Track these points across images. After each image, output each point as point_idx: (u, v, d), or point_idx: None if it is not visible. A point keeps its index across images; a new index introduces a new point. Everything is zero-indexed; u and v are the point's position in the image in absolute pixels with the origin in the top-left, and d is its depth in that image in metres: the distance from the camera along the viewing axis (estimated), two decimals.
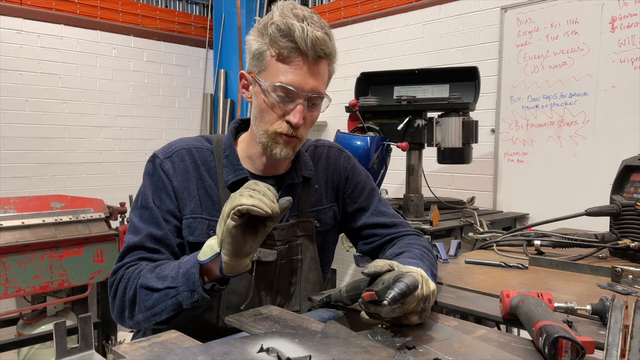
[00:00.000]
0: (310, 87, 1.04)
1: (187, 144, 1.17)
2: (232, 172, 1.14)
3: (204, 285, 0.90)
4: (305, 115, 1.07)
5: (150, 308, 0.95)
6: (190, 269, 0.91)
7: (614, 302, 0.87)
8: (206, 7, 4.60)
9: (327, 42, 1.04)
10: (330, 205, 1.26)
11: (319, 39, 1.02)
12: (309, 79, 1.04)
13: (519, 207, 2.94)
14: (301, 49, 1.02)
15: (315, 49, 1.02)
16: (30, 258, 2.38)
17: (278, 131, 1.07)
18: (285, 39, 1.02)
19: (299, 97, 1.04)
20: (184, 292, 0.91)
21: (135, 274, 1.00)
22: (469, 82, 2.60)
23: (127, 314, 1.01)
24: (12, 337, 2.97)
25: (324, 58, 1.06)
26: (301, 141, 1.12)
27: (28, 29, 3.55)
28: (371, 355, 0.76)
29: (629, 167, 1.49)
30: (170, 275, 0.94)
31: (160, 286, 0.94)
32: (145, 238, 1.07)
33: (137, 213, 1.11)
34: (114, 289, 1.03)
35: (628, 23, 2.52)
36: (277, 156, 1.09)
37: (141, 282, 0.97)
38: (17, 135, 3.52)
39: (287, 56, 1.03)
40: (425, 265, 1.02)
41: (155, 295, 0.95)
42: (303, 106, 1.05)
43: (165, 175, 1.11)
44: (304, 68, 1.03)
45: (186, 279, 0.91)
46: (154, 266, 1.00)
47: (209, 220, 1.12)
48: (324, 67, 1.07)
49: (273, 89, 1.05)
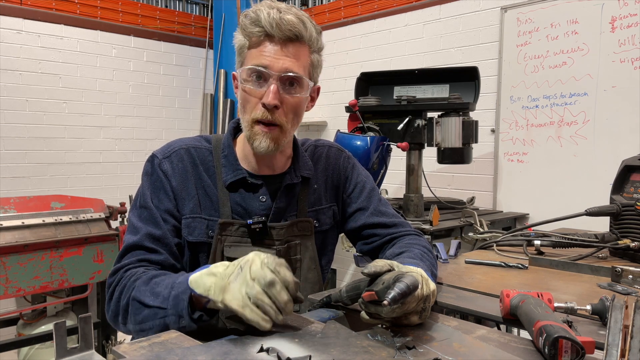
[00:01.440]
0: (281, 66, 1.04)
1: (186, 143, 1.17)
2: (230, 172, 1.14)
3: (192, 314, 0.89)
4: (282, 98, 1.05)
5: (140, 322, 0.95)
6: (181, 295, 0.90)
7: (614, 302, 0.87)
8: (206, 7, 4.60)
9: (296, 24, 1.03)
10: (330, 205, 1.26)
11: (285, 20, 1.02)
12: (279, 58, 1.04)
13: (519, 207, 2.94)
14: (267, 32, 1.03)
15: (281, 29, 1.02)
16: (30, 258, 2.38)
17: (255, 118, 1.06)
18: (253, 25, 1.04)
19: (270, 78, 1.04)
20: (172, 315, 0.90)
21: (131, 282, 0.99)
22: (469, 82, 2.60)
23: (121, 320, 1.01)
24: (12, 337, 2.96)
25: (297, 41, 1.05)
26: (284, 131, 1.08)
27: (28, 29, 3.55)
28: (371, 355, 0.76)
29: (629, 167, 1.49)
30: (162, 295, 0.93)
31: (152, 303, 0.93)
32: (144, 237, 1.06)
33: (136, 213, 1.11)
34: (111, 290, 1.03)
35: (628, 23, 2.52)
36: (258, 150, 1.08)
37: (134, 295, 0.96)
38: (17, 135, 3.52)
39: (257, 42, 1.05)
40: (425, 265, 1.02)
41: (145, 312, 0.94)
42: (276, 86, 1.04)
43: (163, 175, 1.11)
44: (274, 49, 1.04)
45: (175, 303, 0.90)
46: (149, 277, 0.99)
47: (207, 220, 1.12)
48: (299, 50, 1.06)
49: (246, 74, 1.06)
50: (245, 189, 1.15)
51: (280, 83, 1.05)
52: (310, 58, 1.10)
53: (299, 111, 1.11)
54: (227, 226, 1.11)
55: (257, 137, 1.07)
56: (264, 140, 1.07)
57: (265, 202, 1.15)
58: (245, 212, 1.14)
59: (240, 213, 1.14)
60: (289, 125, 1.09)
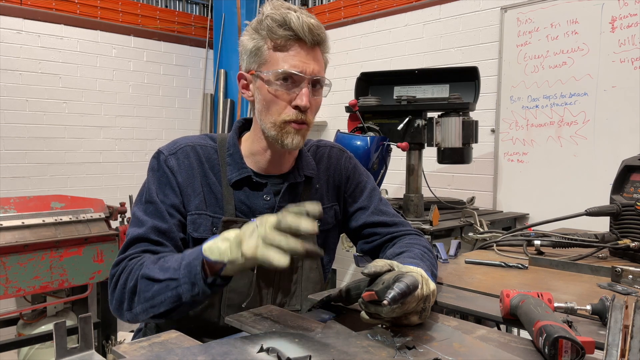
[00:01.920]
0: (312, 70, 1.07)
1: (192, 141, 1.18)
2: (235, 171, 1.15)
3: (205, 279, 0.90)
4: (310, 100, 1.08)
5: (150, 299, 0.94)
6: (193, 261, 0.91)
7: (614, 302, 0.87)
8: (206, 7, 4.60)
9: (321, 27, 1.08)
10: (332, 205, 1.27)
11: (314, 25, 1.06)
12: (310, 62, 1.07)
13: (519, 207, 2.94)
14: (299, 36, 1.05)
15: (312, 34, 1.05)
16: (30, 258, 2.39)
17: (286, 119, 1.08)
18: (282, 29, 1.05)
19: (303, 81, 1.06)
20: (185, 284, 0.90)
21: (138, 265, 0.99)
22: (469, 82, 2.60)
23: (126, 306, 0.99)
24: (12, 337, 2.96)
25: (320, 45, 1.10)
26: (309, 129, 1.13)
27: (28, 29, 3.55)
28: (371, 355, 0.76)
29: (629, 167, 1.49)
30: (173, 267, 0.93)
31: (162, 277, 0.93)
32: (150, 230, 1.06)
33: (141, 207, 1.11)
34: (114, 280, 1.02)
35: (628, 23, 2.52)
36: (288, 146, 1.09)
37: (143, 272, 0.96)
38: (17, 135, 3.52)
39: (285, 45, 1.06)
40: (426, 265, 1.02)
41: (155, 286, 0.94)
42: (308, 89, 1.07)
43: (169, 171, 1.12)
44: (303, 53, 1.07)
45: (188, 271, 0.90)
46: (157, 257, 0.99)
47: (212, 217, 1.12)
48: (320, 54, 1.11)
49: (276, 76, 1.06)
50: (249, 188, 1.15)
51: (310, 86, 1.08)
52: (325, 59, 1.14)
53: (319, 109, 1.16)
54: (231, 224, 1.12)
55: (288, 136, 1.09)
56: (295, 137, 1.10)
57: (269, 200, 1.16)
58: (249, 210, 1.15)
59: (244, 211, 1.14)
60: (313, 123, 1.14)
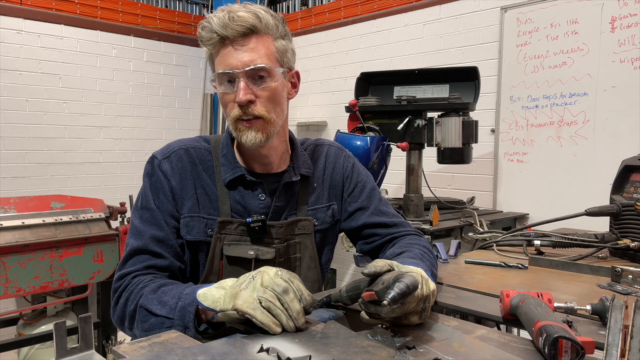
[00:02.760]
0: (242, 61, 1.04)
1: (185, 144, 1.18)
2: (229, 171, 1.15)
3: (197, 326, 0.90)
4: (255, 92, 1.06)
5: (147, 330, 0.96)
6: (188, 307, 0.91)
7: (614, 302, 0.87)
8: (206, 7, 4.60)
9: (247, 18, 1.04)
10: (329, 204, 1.26)
11: (234, 17, 1.03)
12: (238, 55, 1.05)
13: (519, 207, 2.94)
14: (221, 34, 1.04)
15: (232, 27, 1.03)
16: (30, 258, 2.38)
17: (234, 117, 1.08)
18: (208, 33, 1.06)
19: (237, 76, 1.05)
20: (178, 326, 0.91)
21: (139, 289, 1.00)
22: (469, 82, 2.60)
23: (127, 324, 1.02)
24: (12, 337, 2.96)
25: (253, 33, 1.06)
26: (268, 122, 1.08)
27: (28, 29, 3.55)
28: (371, 355, 0.76)
29: (629, 167, 1.49)
30: (169, 305, 0.94)
31: (159, 312, 0.94)
32: (149, 241, 1.07)
33: (138, 215, 1.11)
34: (117, 295, 1.04)
35: (628, 23, 2.52)
36: (248, 143, 1.08)
37: (142, 302, 0.98)
38: (17, 135, 3.52)
39: (218, 48, 1.07)
40: (426, 265, 1.02)
41: (152, 320, 0.95)
42: (245, 82, 1.05)
43: (163, 176, 1.12)
44: (230, 48, 1.05)
45: (182, 315, 0.91)
46: (157, 286, 1.00)
47: (206, 219, 1.12)
48: (258, 42, 1.06)
49: (217, 80, 1.08)
50: (244, 187, 1.15)
51: (248, 78, 1.06)
52: (275, 45, 1.09)
53: (278, 99, 1.10)
54: (226, 224, 1.12)
55: (242, 133, 1.08)
56: (249, 133, 1.08)
57: (265, 200, 1.15)
58: (244, 210, 1.14)
59: (240, 211, 1.14)
60: (271, 114, 1.09)
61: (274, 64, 1.08)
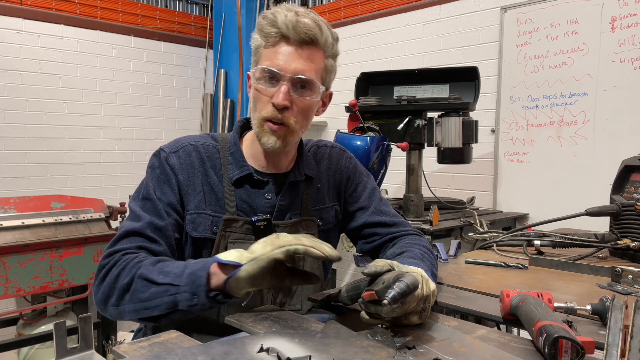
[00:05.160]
0: (294, 69, 1.05)
1: (195, 140, 1.18)
2: (237, 169, 1.15)
3: (208, 292, 0.89)
4: (293, 100, 1.06)
5: (145, 300, 0.93)
6: (198, 271, 0.90)
7: (614, 302, 0.87)
8: (206, 7, 4.60)
9: (312, 27, 1.05)
10: (332, 205, 1.27)
11: (301, 22, 1.03)
12: (293, 60, 1.05)
13: (519, 207, 2.94)
14: (283, 33, 1.04)
15: (297, 31, 1.03)
16: (30, 258, 2.38)
17: (265, 116, 1.07)
18: (270, 26, 1.05)
19: (282, 79, 1.05)
20: (185, 292, 0.89)
21: (135, 262, 0.97)
22: (469, 82, 2.60)
23: (113, 301, 0.96)
24: (12, 337, 2.96)
25: (312, 44, 1.06)
26: (292, 132, 1.09)
27: (28, 29, 3.55)
28: (371, 355, 0.76)
29: (629, 167, 1.49)
30: (174, 272, 0.92)
31: (161, 281, 0.92)
32: (146, 225, 1.05)
33: (139, 204, 1.10)
34: (104, 272, 0.99)
35: (628, 23, 2.52)
36: (265, 145, 1.09)
37: (141, 272, 0.94)
38: (17, 135, 3.52)
39: (274, 43, 1.06)
40: (426, 265, 1.02)
41: (153, 289, 0.92)
42: (287, 87, 1.05)
43: (170, 169, 1.12)
44: (288, 50, 1.05)
45: (191, 280, 0.89)
46: (156, 260, 0.98)
47: (212, 216, 1.12)
48: (313, 54, 1.07)
49: (258, 73, 1.07)
50: (250, 186, 1.16)
51: (291, 85, 1.06)
52: (325, 63, 1.10)
53: (309, 114, 1.12)
54: (232, 222, 1.12)
55: (265, 134, 1.08)
56: (271, 137, 1.08)
57: (271, 199, 1.16)
58: (250, 208, 1.15)
59: (246, 210, 1.14)
60: (297, 126, 1.10)
61: (318, 80, 1.09)
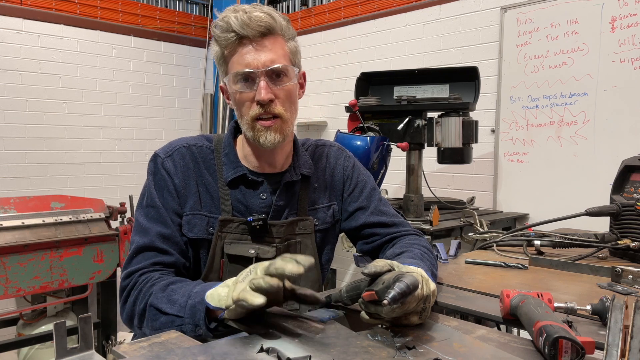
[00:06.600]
0: (264, 62, 1.06)
1: (188, 142, 1.18)
2: (231, 169, 1.15)
3: (208, 324, 0.90)
4: (274, 91, 1.07)
5: (157, 329, 0.97)
6: (198, 305, 0.91)
7: (614, 302, 0.87)
8: (206, 7, 4.60)
9: (265, 18, 1.05)
10: (330, 204, 1.26)
11: (253, 17, 1.04)
12: (259, 55, 1.06)
13: (519, 207, 2.94)
14: (240, 34, 1.05)
15: (252, 27, 1.04)
16: (30, 258, 2.38)
17: (253, 116, 1.08)
18: (226, 32, 1.06)
19: (257, 76, 1.06)
20: (189, 324, 0.92)
21: (147, 287, 1.01)
22: (469, 82, 2.60)
23: (137, 322, 1.02)
24: (12, 337, 2.96)
25: (271, 34, 1.07)
26: (285, 121, 1.10)
27: (28, 29, 3.55)
28: (371, 355, 0.76)
29: (629, 167, 1.49)
30: (179, 303, 0.94)
31: (169, 311, 0.95)
32: (155, 238, 1.08)
33: (143, 212, 1.12)
34: (125, 294, 1.04)
35: (628, 23, 2.52)
36: (265, 144, 1.09)
37: (152, 301, 0.98)
38: (17, 135, 3.52)
39: (234, 48, 1.07)
40: (426, 265, 1.02)
41: (162, 318, 0.96)
42: (265, 82, 1.06)
43: (166, 174, 1.13)
44: (250, 48, 1.06)
45: (192, 313, 0.91)
46: (166, 284, 1.00)
47: (208, 217, 1.13)
48: (274, 42, 1.08)
49: (233, 80, 1.08)
50: (245, 186, 1.16)
51: (267, 78, 1.07)
52: (288, 46, 1.11)
53: (293, 99, 1.13)
54: (228, 223, 1.12)
55: (261, 134, 1.09)
56: (268, 134, 1.08)
57: (266, 199, 1.16)
58: (246, 209, 1.15)
59: (241, 210, 1.15)
60: (288, 114, 1.11)
61: (289, 64, 1.10)
